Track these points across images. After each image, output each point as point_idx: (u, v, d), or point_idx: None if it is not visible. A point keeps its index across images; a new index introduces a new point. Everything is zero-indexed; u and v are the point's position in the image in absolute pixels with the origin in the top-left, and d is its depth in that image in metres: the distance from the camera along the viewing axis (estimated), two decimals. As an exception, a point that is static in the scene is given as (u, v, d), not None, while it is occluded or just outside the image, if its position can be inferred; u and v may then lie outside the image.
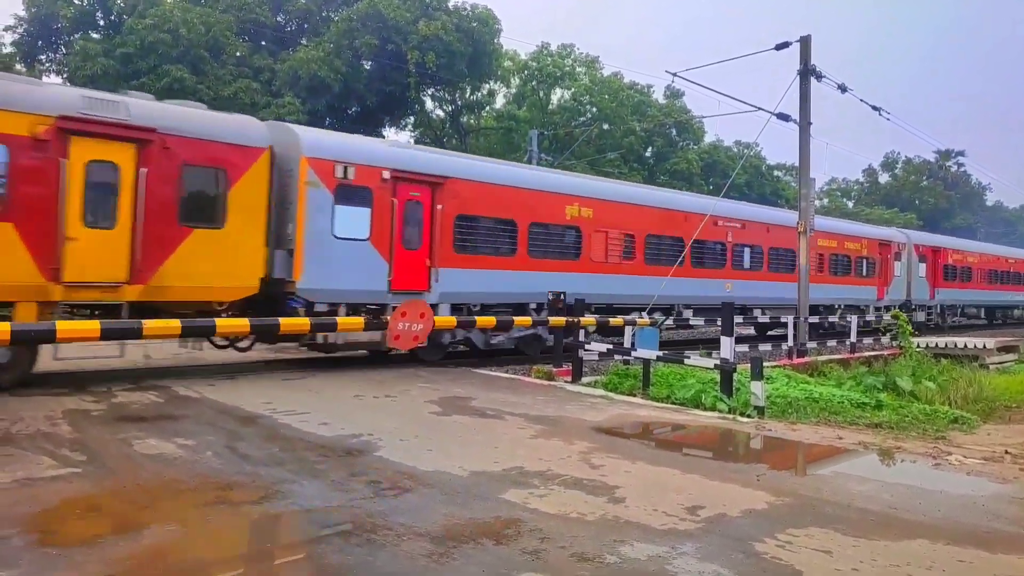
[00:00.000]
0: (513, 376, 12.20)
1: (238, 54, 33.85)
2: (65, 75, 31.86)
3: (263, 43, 36.60)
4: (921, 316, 27.72)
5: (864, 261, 25.21)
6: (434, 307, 12.40)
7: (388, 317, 10.52)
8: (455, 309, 13.50)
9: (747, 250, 20.41)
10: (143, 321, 8.32)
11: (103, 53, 29.67)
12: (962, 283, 31.09)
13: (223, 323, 9.53)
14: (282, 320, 9.92)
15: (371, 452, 6.43)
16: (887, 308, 24.35)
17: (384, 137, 35.68)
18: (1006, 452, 7.63)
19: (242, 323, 9.43)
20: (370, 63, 34.10)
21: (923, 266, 28.18)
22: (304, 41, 36.25)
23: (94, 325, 8.15)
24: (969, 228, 72.37)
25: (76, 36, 32.61)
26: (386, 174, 12.51)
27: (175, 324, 8.59)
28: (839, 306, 23.20)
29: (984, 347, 18.76)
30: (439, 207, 13.21)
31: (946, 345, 19.02)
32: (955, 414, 10.33)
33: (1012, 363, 18.53)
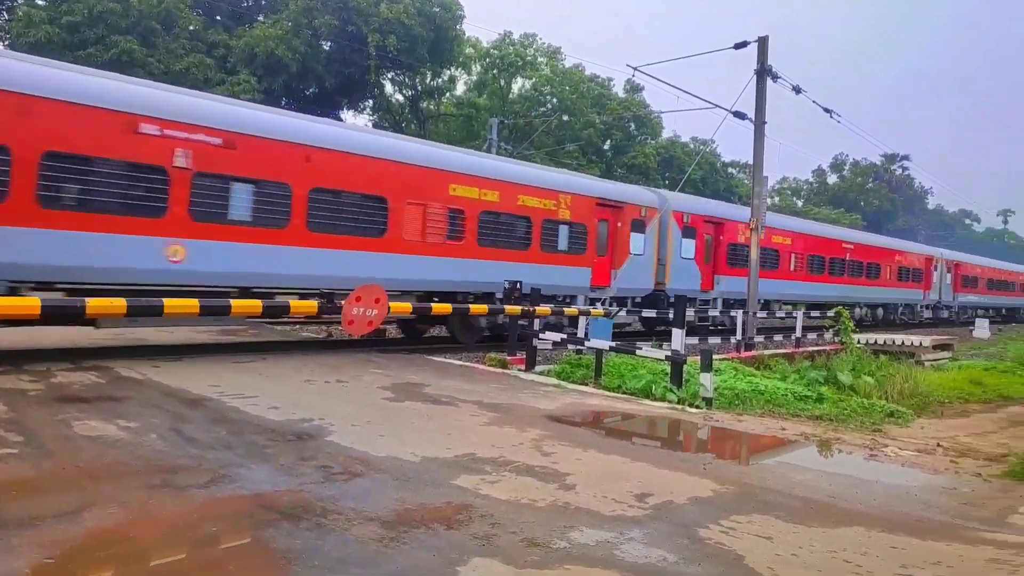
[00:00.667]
0: (467, 364, 12.20)
1: (191, 28, 32.86)
2: (7, 42, 30.45)
3: (218, 17, 35.62)
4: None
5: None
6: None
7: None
8: None
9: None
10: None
11: (48, 20, 28.43)
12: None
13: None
14: None
15: (322, 437, 6.37)
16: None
17: (342, 120, 35.14)
18: (938, 445, 7.97)
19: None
20: (329, 44, 33.48)
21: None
22: (261, 18, 35.38)
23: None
24: (911, 230, 74.94)
25: (19, 1, 31.19)
26: None
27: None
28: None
29: (920, 345, 19.50)
30: None
31: (885, 342, 19.71)
32: (891, 408, 10.74)
33: (946, 360, 19.32)
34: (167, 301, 9.43)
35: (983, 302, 41.73)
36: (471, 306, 13.13)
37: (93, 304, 8.72)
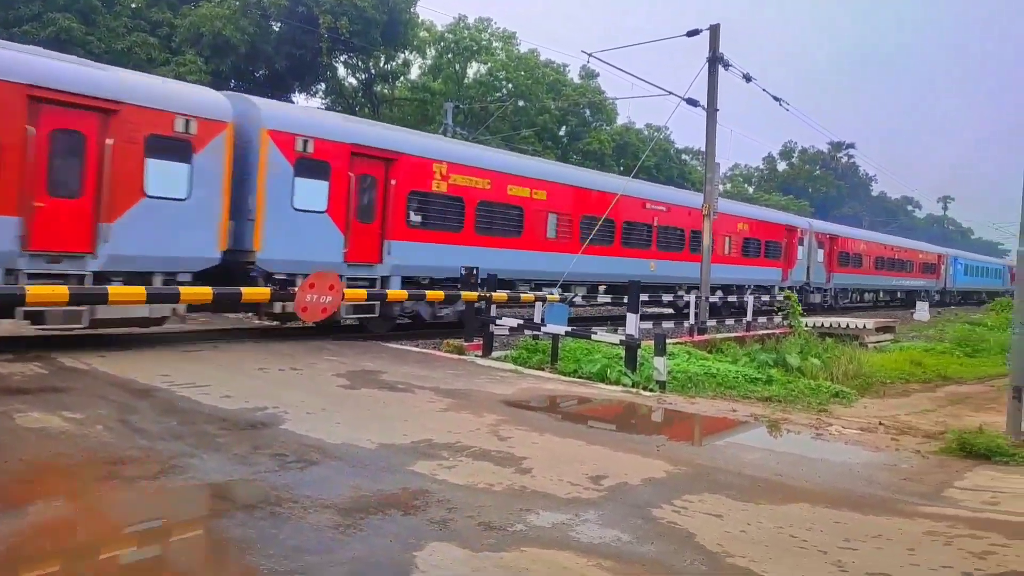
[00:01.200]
0: (423, 350, 12.17)
1: (133, 5, 31.66)
2: (-67, 16, 28.88)
3: (162, -5, 34.36)
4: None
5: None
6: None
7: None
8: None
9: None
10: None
11: (-21, -5, 27.10)
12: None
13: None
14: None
15: (276, 425, 6.29)
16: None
17: (294, 103, 34.41)
18: (880, 423, 8.27)
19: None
20: (279, 25, 32.68)
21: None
22: (207, -4, 34.27)
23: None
24: (856, 216, 77.18)
25: (-53, -25, 29.62)
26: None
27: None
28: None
29: (864, 327, 20.17)
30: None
31: (831, 325, 20.32)
32: (836, 389, 11.10)
33: (888, 342, 20.02)
34: (112, 289, 9.14)
35: (867, 283, 36.17)
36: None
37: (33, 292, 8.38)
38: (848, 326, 20.23)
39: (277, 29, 32.99)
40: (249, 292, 10.59)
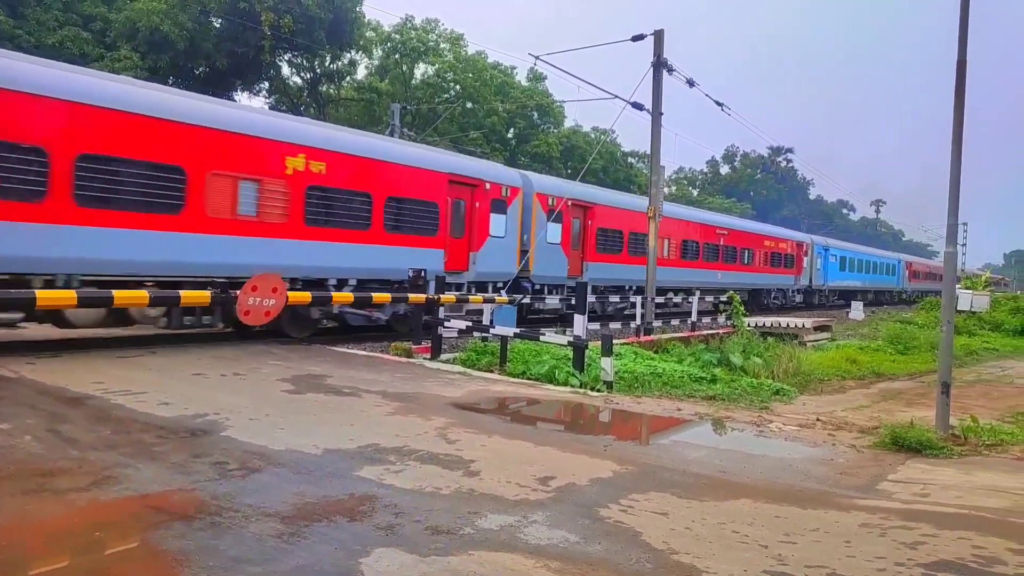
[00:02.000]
0: (371, 354, 12.03)
1: (65, -1, 30.48)
2: None
3: (95, -12, 33.14)
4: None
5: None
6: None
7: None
8: None
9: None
10: None
11: None
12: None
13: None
14: None
15: (217, 432, 6.12)
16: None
17: (235, 101, 33.62)
18: (817, 419, 8.54)
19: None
20: (220, 21, 31.88)
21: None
22: (144, -10, 33.19)
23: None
24: (794, 219, 79.58)
25: None
26: None
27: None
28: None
29: (803, 327, 20.81)
30: None
31: (772, 324, 20.90)
32: (777, 387, 11.41)
33: (825, 341, 20.69)
34: (40, 293, 8.78)
35: (670, 278, 24.17)
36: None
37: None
38: (788, 325, 20.85)
39: (218, 25, 32.18)
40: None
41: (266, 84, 38.47)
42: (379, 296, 12.71)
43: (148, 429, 6.09)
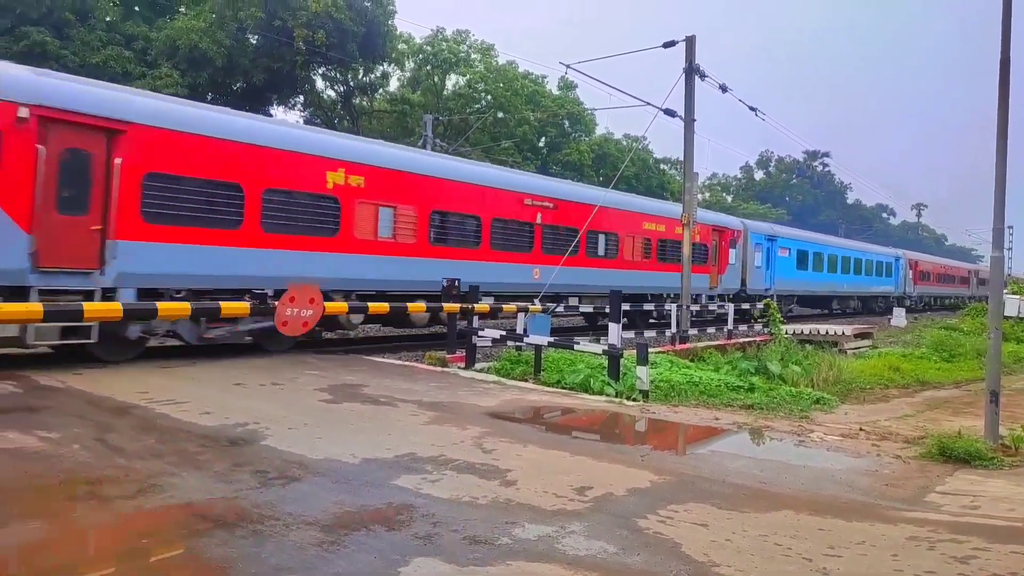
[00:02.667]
0: (406, 363, 12.10)
1: (108, 19, 31.46)
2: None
3: (136, 8, 34.16)
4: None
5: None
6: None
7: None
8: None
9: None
10: None
11: (-51, 10, 26.75)
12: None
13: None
14: None
15: (257, 441, 6.21)
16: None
17: (272, 116, 34.30)
18: (860, 429, 8.35)
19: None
20: (256, 37, 32.56)
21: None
22: (183, 9, 34.10)
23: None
24: (832, 224, 78.23)
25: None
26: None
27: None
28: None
29: (843, 334, 20.39)
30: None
31: (811, 332, 20.52)
32: (817, 395, 11.19)
33: (867, 348, 20.25)
34: (87, 305, 9.02)
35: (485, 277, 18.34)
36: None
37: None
38: (827, 333, 20.45)
39: (254, 42, 32.86)
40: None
41: (301, 98, 39.14)
42: (414, 306, 12.79)
43: (191, 438, 6.21)
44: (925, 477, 6.23)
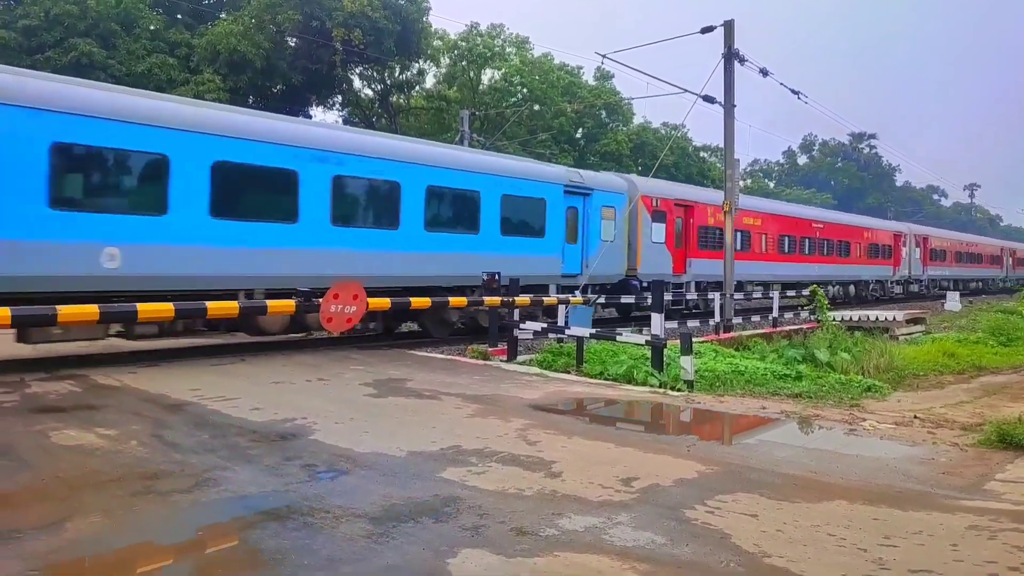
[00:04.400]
0: (448, 357, 12.19)
1: (152, 28, 32.25)
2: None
3: (179, 16, 34.96)
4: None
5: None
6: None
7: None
8: None
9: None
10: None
11: (3, 24, 27.77)
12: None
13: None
14: None
15: (306, 436, 6.33)
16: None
17: (311, 117, 34.78)
18: (915, 417, 8.12)
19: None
20: (294, 40, 33.05)
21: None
22: (223, 15, 34.80)
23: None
24: (880, 207, 76.10)
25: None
26: None
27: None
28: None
29: (894, 319, 19.84)
30: None
31: (859, 318, 20.02)
32: (868, 383, 10.90)
33: (920, 334, 19.67)
34: (140, 306, 9.28)
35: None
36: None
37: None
38: (877, 319, 19.92)
39: (292, 44, 33.34)
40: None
41: (339, 98, 39.61)
42: (455, 300, 12.84)
43: (242, 433, 6.35)
44: (984, 465, 6.03)
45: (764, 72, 19.32)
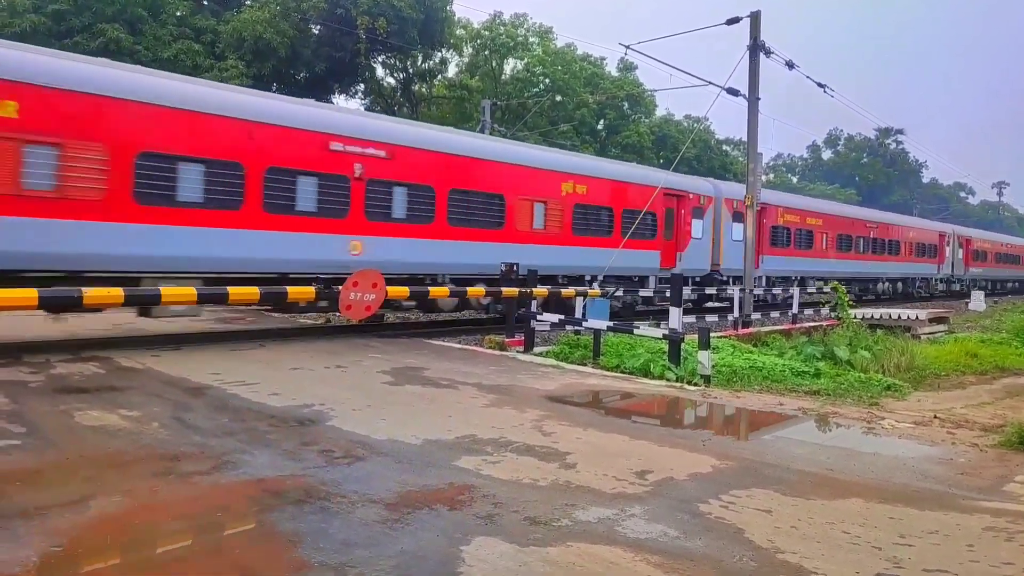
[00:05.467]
0: (465, 347, 12.24)
1: (179, 14, 32.50)
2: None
3: (205, 2, 35.19)
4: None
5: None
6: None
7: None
8: None
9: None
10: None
11: (33, 9, 28.11)
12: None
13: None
14: None
15: (323, 422, 6.40)
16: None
17: (333, 103, 34.90)
18: (935, 417, 8.03)
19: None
20: (319, 27, 33.15)
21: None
22: (248, 2, 34.96)
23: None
24: (906, 203, 75.01)
25: (2, -10, 30.78)
26: None
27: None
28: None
29: (916, 318, 19.59)
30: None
31: (881, 316, 19.80)
32: (888, 382, 10.79)
33: (942, 334, 19.41)
34: (164, 289, 9.44)
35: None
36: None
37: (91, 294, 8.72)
38: (899, 317, 19.69)
39: (316, 32, 33.45)
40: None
41: (361, 86, 39.71)
42: (473, 290, 12.91)
43: (261, 418, 6.44)
44: (1004, 466, 5.96)
45: (790, 64, 19.10)
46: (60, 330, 10.93)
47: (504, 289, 12.86)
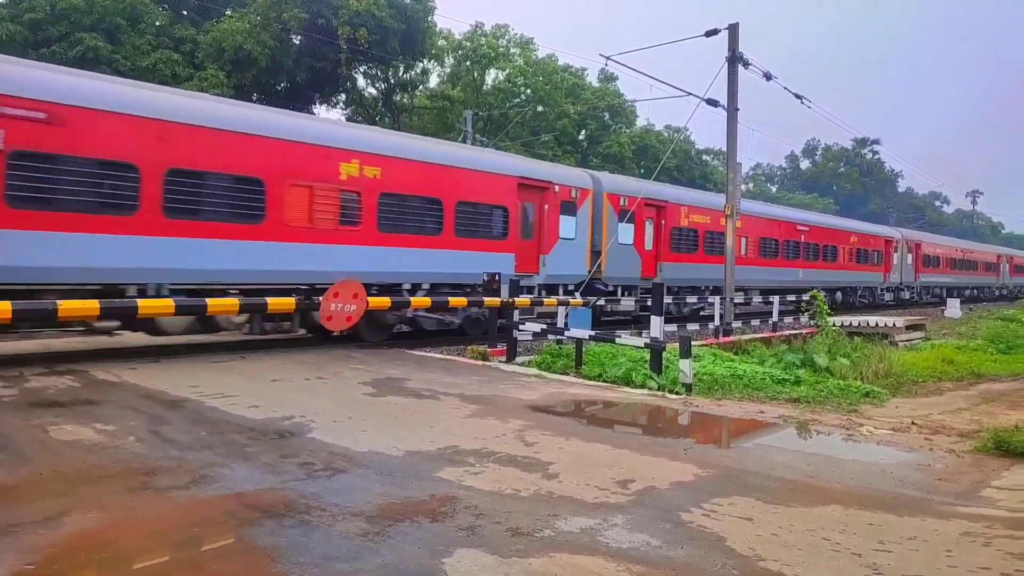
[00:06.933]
0: (448, 357, 12.20)
1: (157, 23, 32.27)
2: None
3: (184, 12, 35.00)
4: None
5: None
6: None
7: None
8: None
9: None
10: None
11: (9, 18, 27.80)
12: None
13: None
14: None
15: (303, 434, 6.34)
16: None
17: (315, 115, 34.76)
18: (912, 423, 8.12)
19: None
20: (299, 38, 33.07)
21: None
22: (228, 12, 34.81)
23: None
24: (882, 213, 76.08)
25: (-22, -1, 30.42)
26: None
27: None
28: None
29: (894, 325, 19.85)
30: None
31: (859, 324, 20.02)
32: (867, 389, 10.91)
33: (919, 341, 19.67)
34: (141, 302, 9.31)
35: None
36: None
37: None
38: (877, 324, 19.93)
39: (297, 42, 33.36)
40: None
41: (343, 96, 39.60)
42: (455, 300, 12.87)
43: (240, 430, 6.37)
44: (980, 472, 6.04)
45: (768, 76, 19.35)
46: (35, 343, 10.75)
47: (486, 299, 12.82)
